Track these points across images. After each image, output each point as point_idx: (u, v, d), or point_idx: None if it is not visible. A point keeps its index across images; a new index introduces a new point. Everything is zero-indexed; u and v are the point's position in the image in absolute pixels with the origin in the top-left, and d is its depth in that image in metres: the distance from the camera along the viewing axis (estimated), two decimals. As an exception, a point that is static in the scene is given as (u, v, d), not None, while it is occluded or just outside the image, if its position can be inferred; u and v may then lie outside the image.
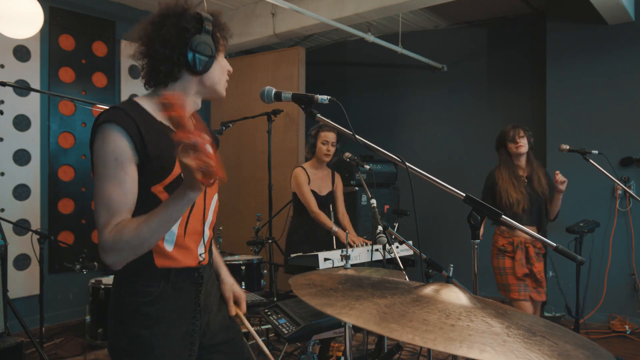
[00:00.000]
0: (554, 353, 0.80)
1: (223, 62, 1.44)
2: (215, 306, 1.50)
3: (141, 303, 1.31)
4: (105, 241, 1.19)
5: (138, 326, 1.31)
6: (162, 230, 1.18)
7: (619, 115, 4.35)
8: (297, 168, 3.37)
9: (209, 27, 1.35)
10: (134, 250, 1.19)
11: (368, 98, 6.21)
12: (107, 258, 1.20)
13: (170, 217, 1.15)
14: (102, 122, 1.23)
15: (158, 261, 1.31)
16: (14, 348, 2.77)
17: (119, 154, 1.21)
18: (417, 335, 0.78)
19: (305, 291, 1.05)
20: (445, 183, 1.33)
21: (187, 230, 1.35)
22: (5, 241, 2.96)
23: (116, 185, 1.21)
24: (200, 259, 1.40)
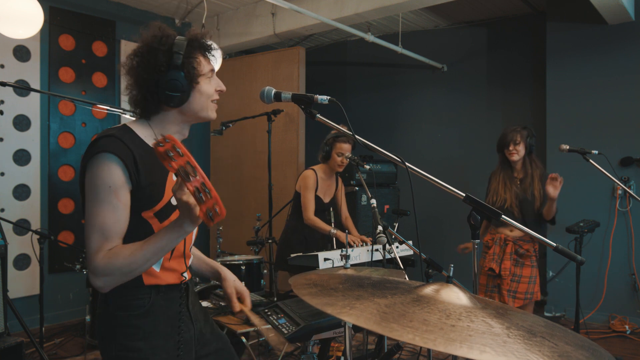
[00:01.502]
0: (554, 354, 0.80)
1: (206, 87, 1.39)
2: (201, 317, 1.53)
3: (133, 316, 1.32)
4: (97, 266, 1.22)
5: (131, 339, 1.31)
6: (154, 258, 1.22)
7: (619, 115, 4.35)
8: (308, 170, 3.35)
9: (178, 61, 1.32)
10: (124, 275, 1.23)
11: (368, 98, 6.21)
12: (97, 281, 1.23)
13: (164, 247, 1.19)
14: (100, 151, 1.25)
15: (146, 280, 1.34)
16: (14, 348, 2.76)
17: (114, 182, 1.24)
18: (418, 336, 0.78)
19: (306, 291, 1.05)
20: (445, 183, 1.33)
21: (174, 254, 1.39)
22: (5, 241, 2.96)
23: (110, 211, 1.24)
24: (183, 278, 1.44)
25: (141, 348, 1.30)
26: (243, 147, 5.39)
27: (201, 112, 1.40)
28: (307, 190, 3.28)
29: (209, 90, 1.40)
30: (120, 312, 1.32)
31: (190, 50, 1.35)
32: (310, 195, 3.27)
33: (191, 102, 1.37)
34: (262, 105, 2.90)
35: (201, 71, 1.37)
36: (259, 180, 5.14)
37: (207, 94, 1.40)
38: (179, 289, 1.42)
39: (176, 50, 1.32)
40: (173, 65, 1.31)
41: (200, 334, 1.47)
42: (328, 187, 3.39)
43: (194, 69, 1.35)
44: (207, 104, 1.41)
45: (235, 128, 4.38)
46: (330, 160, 3.27)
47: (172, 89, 1.32)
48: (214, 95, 1.42)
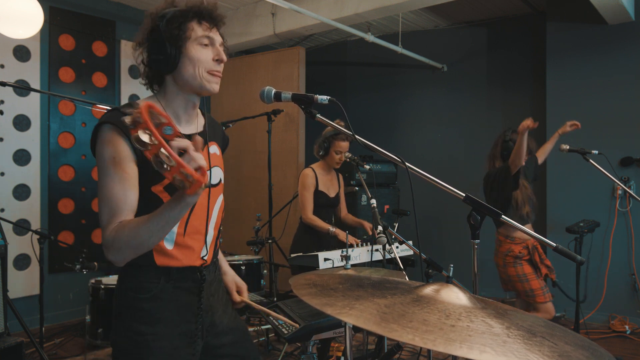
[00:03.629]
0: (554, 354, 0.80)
1: (197, 53, 1.33)
2: (220, 307, 1.50)
3: (140, 299, 1.32)
4: (107, 239, 1.21)
5: (136, 322, 1.31)
6: (161, 232, 1.18)
7: (619, 115, 4.35)
8: (306, 169, 3.35)
9: (160, 23, 1.31)
10: (134, 249, 1.20)
11: (368, 98, 6.21)
12: (109, 255, 1.21)
13: (168, 219, 1.15)
14: (101, 123, 1.26)
15: (158, 259, 1.32)
16: (14, 348, 2.76)
17: (117, 153, 1.23)
18: (417, 336, 0.78)
19: (305, 291, 1.05)
20: (445, 183, 1.33)
21: (188, 230, 1.36)
22: (5, 241, 2.96)
23: (117, 183, 1.23)
24: (203, 259, 1.40)
25: (144, 332, 1.30)
26: (243, 147, 5.39)
27: (193, 81, 1.34)
28: (305, 189, 3.28)
29: (200, 57, 1.33)
30: (130, 293, 1.33)
31: (179, 14, 1.32)
32: (308, 194, 3.27)
33: (181, 68, 1.33)
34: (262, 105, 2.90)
35: (188, 35, 1.32)
36: (259, 180, 5.14)
37: (198, 60, 1.32)
38: (194, 278, 1.38)
39: (162, 14, 1.32)
40: (156, 27, 1.31)
41: (212, 325, 1.45)
42: (330, 181, 3.38)
43: (178, 30, 1.31)
44: (199, 73, 1.33)
45: (235, 128, 4.38)
46: (328, 157, 3.27)
47: (155, 51, 1.31)
48: (209, 64, 1.34)
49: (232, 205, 5.36)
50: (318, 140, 3.29)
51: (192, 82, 1.35)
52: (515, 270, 3.08)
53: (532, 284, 3.06)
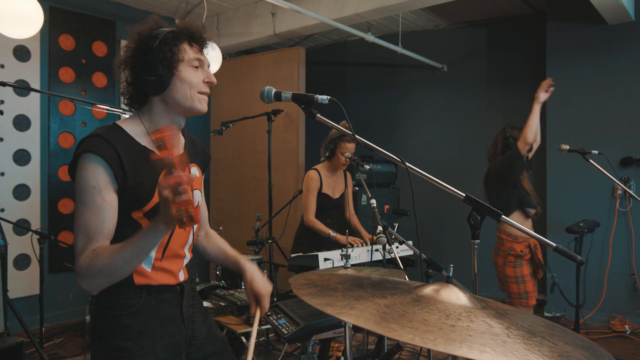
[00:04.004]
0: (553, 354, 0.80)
1: (189, 75, 1.34)
2: (199, 318, 1.50)
3: (123, 316, 1.31)
4: (80, 266, 1.21)
5: (119, 339, 1.30)
6: (135, 259, 1.19)
7: (619, 115, 4.35)
8: (311, 170, 3.35)
9: (153, 45, 1.30)
10: (107, 277, 1.21)
11: (368, 98, 6.21)
12: (82, 283, 1.23)
13: (143, 247, 1.17)
14: (82, 152, 1.25)
15: (137, 279, 1.32)
16: (14, 348, 2.76)
17: (97, 182, 1.23)
18: (417, 336, 0.78)
19: (305, 291, 1.04)
20: (445, 183, 1.33)
21: (166, 254, 1.36)
22: (5, 241, 2.96)
23: (94, 212, 1.23)
24: (180, 279, 1.42)
25: (129, 348, 1.29)
26: (243, 147, 5.39)
27: (184, 102, 1.34)
28: (308, 191, 3.28)
29: (192, 79, 1.34)
30: (110, 311, 1.31)
31: (172, 36, 1.33)
32: (311, 196, 3.27)
33: (172, 89, 1.33)
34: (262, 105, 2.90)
35: (181, 57, 1.33)
36: (259, 180, 5.14)
37: (190, 82, 1.34)
38: (173, 291, 1.40)
39: (155, 35, 1.32)
40: (148, 49, 1.31)
41: (192, 336, 1.44)
42: (335, 182, 3.37)
43: (171, 53, 1.31)
44: (190, 94, 1.34)
45: (235, 128, 4.37)
46: (334, 159, 3.27)
47: (147, 72, 1.30)
48: (199, 86, 1.36)
49: (232, 205, 5.36)
50: (324, 142, 3.29)
51: (182, 103, 1.35)
52: (514, 271, 3.05)
53: (527, 286, 3.05)
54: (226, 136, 4.58)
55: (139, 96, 1.37)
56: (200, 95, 1.37)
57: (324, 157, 3.33)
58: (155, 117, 1.37)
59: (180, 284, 1.42)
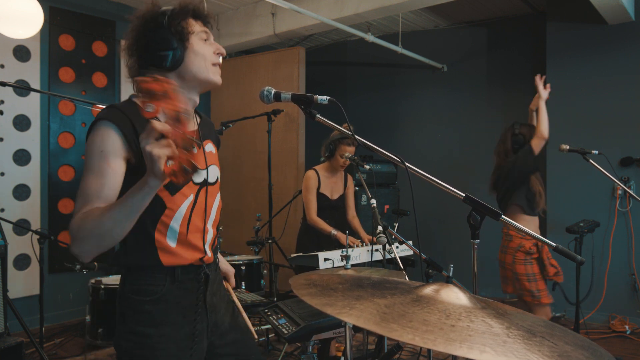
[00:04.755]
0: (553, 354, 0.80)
1: (201, 47, 1.38)
2: (222, 306, 1.51)
3: (145, 302, 1.31)
4: (71, 229, 1.17)
5: (141, 324, 1.31)
6: (125, 220, 1.13)
7: (619, 115, 4.35)
8: (309, 171, 3.36)
9: (163, 21, 1.32)
10: (97, 240, 1.14)
11: (368, 98, 6.21)
12: (72, 248, 1.16)
13: (133, 206, 1.11)
14: (97, 119, 1.26)
15: (164, 258, 1.32)
16: (14, 348, 2.76)
17: (105, 147, 1.22)
18: (417, 336, 0.78)
19: (305, 291, 1.04)
20: (445, 183, 1.33)
21: (190, 228, 1.36)
22: (5, 241, 2.96)
23: (96, 176, 1.21)
24: (208, 254, 1.41)
25: (150, 334, 1.30)
26: (243, 147, 5.40)
27: (200, 74, 1.37)
28: (307, 191, 3.29)
29: (204, 51, 1.38)
30: (133, 296, 1.32)
31: (178, 11, 1.35)
32: (311, 196, 3.27)
33: (187, 63, 1.35)
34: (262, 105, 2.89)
35: (191, 30, 1.36)
36: (259, 180, 5.14)
37: (203, 54, 1.37)
38: (198, 279, 1.39)
39: (162, 12, 1.33)
40: (159, 25, 1.32)
41: (215, 324, 1.45)
42: (334, 184, 3.38)
43: (182, 27, 1.34)
44: (205, 65, 1.38)
45: (235, 128, 4.38)
46: (334, 160, 3.28)
47: (162, 48, 1.31)
48: (212, 57, 1.39)
49: (232, 206, 5.36)
50: (325, 142, 3.30)
51: (199, 76, 1.37)
52: (525, 269, 3.02)
53: (538, 284, 3.03)
54: (226, 136, 4.58)
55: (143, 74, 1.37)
56: (214, 67, 1.40)
57: (324, 157, 3.33)
58: None
59: (206, 273, 1.40)
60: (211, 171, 1.46)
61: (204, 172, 1.43)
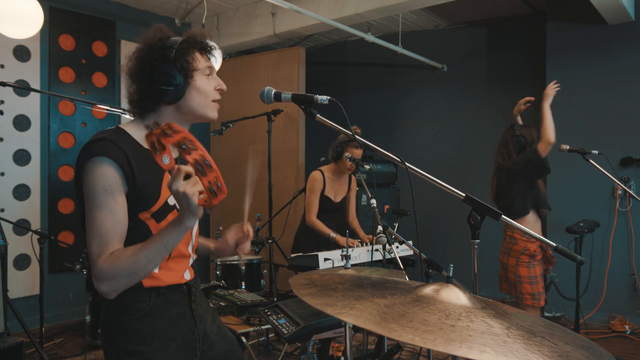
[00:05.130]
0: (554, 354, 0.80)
1: (203, 84, 1.37)
2: (209, 316, 1.51)
3: (133, 320, 1.31)
4: (100, 270, 1.19)
5: (131, 344, 1.30)
6: (158, 258, 1.19)
7: (619, 115, 4.35)
8: (315, 171, 3.36)
9: (170, 55, 1.31)
10: (129, 278, 1.20)
11: (368, 98, 6.21)
12: (102, 287, 1.20)
13: (167, 245, 1.17)
14: (94, 155, 1.24)
15: (145, 282, 1.32)
16: (14, 348, 2.76)
17: (109, 185, 1.23)
18: (417, 336, 0.78)
19: (305, 291, 1.04)
20: (445, 183, 1.33)
21: (172, 254, 1.36)
22: (5, 241, 2.96)
23: (107, 214, 1.22)
24: (186, 278, 1.43)
25: (142, 351, 1.29)
26: (243, 147, 5.39)
27: (199, 110, 1.38)
28: (311, 192, 3.29)
29: (206, 88, 1.38)
30: (119, 317, 1.31)
31: (186, 46, 1.34)
32: (314, 197, 3.28)
33: (188, 99, 1.35)
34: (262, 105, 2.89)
35: (196, 66, 1.35)
36: (259, 180, 5.13)
37: (205, 91, 1.37)
38: (181, 290, 1.41)
39: (169, 45, 1.32)
40: (166, 59, 1.31)
41: (205, 334, 1.45)
42: (339, 186, 3.38)
43: (187, 63, 1.33)
44: (205, 102, 1.38)
45: (235, 128, 4.38)
46: (340, 162, 3.28)
47: (166, 83, 1.31)
48: (213, 94, 1.39)
49: (232, 206, 5.32)
50: (332, 144, 3.30)
51: (197, 111, 1.38)
52: (528, 271, 3.01)
53: (539, 287, 3.03)
54: (226, 136, 4.58)
55: (150, 105, 1.36)
56: (214, 104, 1.40)
57: (331, 159, 3.34)
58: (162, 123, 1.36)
59: (187, 283, 1.43)
60: None
61: None
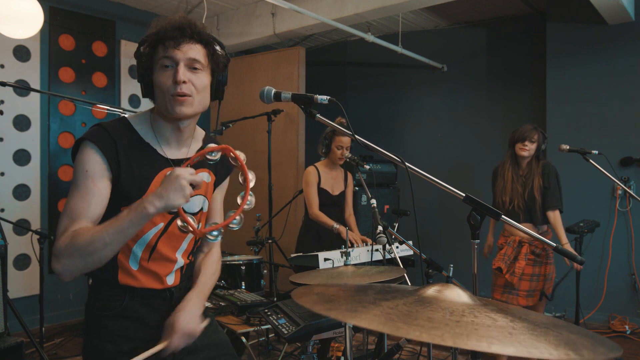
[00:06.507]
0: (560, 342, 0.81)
1: (158, 78, 1.26)
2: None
3: (104, 316, 1.29)
4: (59, 247, 1.16)
5: (101, 340, 1.29)
6: (116, 242, 1.14)
7: (619, 115, 4.35)
8: (309, 167, 3.38)
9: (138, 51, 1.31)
10: (84, 259, 1.14)
11: (368, 98, 6.21)
12: (57, 265, 1.16)
13: (125, 230, 1.13)
14: (82, 139, 1.26)
15: (121, 277, 1.30)
16: (14, 348, 2.76)
17: (91, 168, 1.23)
18: (424, 332, 0.79)
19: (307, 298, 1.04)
20: (445, 183, 1.33)
21: (153, 255, 1.32)
22: (5, 241, 2.96)
23: (83, 195, 1.22)
24: (169, 283, 1.37)
25: (109, 350, 1.28)
26: (243, 147, 5.36)
27: (163, 108, 1.29)
28: (308, 186, 3.30)
29: (162, 82, 1.26)
30: (94, 309, 1.31)
31: (146, 39, 1.28)
32: (312, 190, 3.28)
33: (155, 96, 1.31)
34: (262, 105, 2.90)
35: (155, 61, 1.28)
36: (259, 180, 5.10)
37: (161, 86, 1.26)
38: (162, 296, 1.35)
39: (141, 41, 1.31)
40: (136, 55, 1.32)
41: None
42: (334, 179, 3.39)
43: (145, 58, 1.28)
44: (164, 98, 1.26)
45: (235, 128, 4.38)
46: (331, 154, 3.29)
47: (138, 79, 1.34)
48: (171, 88, 1.25)
49: (232, 206, 5.34)
50: (320, 139, 3.32)
51: (162, 109, 1.31)
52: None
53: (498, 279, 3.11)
54: (226, 136, 4.58)
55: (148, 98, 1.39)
56: (174, 99, 1.25)
57: (322, 154, 3.36)
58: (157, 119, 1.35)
59: (170, 290, 1.37)
60: (194, 200, 1.41)
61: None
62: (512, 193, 3.12)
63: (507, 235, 3.14)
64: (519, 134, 3.10)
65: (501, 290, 3.08)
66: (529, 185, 3.12)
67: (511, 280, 3.02)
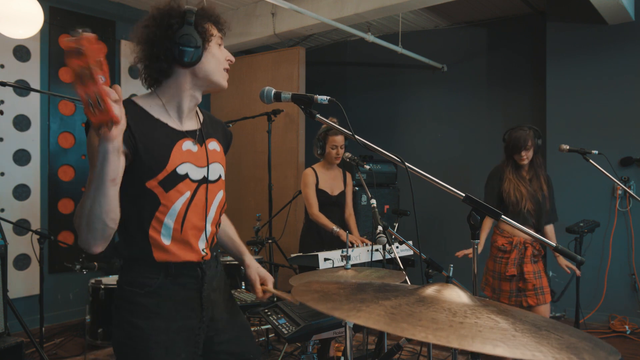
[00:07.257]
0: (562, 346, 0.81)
1: (217, 51, 1.44)
2: (222, 303, 1.51)
3: (138, 294, 1.33)
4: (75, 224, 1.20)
5: (133, 315, 1.33)
6: (98, 194, 1.11)
7: (619, 115, 4.35)
8: (307, 169, 3.38)
9: (190, 19, 1.36)
10: (86, 225, 1.14)
11: (368, 98, 6.21)
12: (79, 242, 1.19)
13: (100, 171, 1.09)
14: None
15: (156, 254, 1.34)
16: (14, 348, 2.77)
17: None
18: (430, 334, 0.79)
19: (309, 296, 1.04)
20: (445, 183, 1.33)
21: (185, 225, 1.37)
22: (5, 241, 2.96)
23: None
24: (203, 254, 1.42)
25: (142, 327, 1.32)
26: (243, 147, 5.39)
27: (212, 75, 1.42)
28: (306, 187, 3.30)
29: (220, 56, 1.44)
30: (127, 287, 1.34)
31: (203, 14, 1.40)
32: (310, 191, 3.28)
33: (204, 62, 1.39)
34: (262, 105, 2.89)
35: (212, 33, 1.41)
36: (259, 180, 5.14)
37: (219, 58, 1.43)
38: (193, 275, 1.39)
39: (189, 10, 1.37)
40: (186, 22, 1.36)
41: (213, 320, 1.45)
42: (333, 179, 3.39)
43: (205, 29, 1.39)
44: (218, 68, 1.43)
45: (235, 128, 4.37)
46: (327, 154, 3.29)
47: (186, 43, 1.35)
48: (224, 63, 1.46)
49: (232, 205, 5.34)
50: (314, 141, 3.32)
51: (211, 77, 1.42)
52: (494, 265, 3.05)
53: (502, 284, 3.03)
54: (226, 136, 4.58)
55: (165, 69, 1.38)
56: (224, 72, 1.46)
57: (318, 155, 3.36)
58: (175, 91, 1.40)
59: (202, 267, 1.41)
60: (213, 169, 1.48)
61: (203, 169, 1.43)
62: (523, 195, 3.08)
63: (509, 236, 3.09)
64: (513, 146, 3.03)
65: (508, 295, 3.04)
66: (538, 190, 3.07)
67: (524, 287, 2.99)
